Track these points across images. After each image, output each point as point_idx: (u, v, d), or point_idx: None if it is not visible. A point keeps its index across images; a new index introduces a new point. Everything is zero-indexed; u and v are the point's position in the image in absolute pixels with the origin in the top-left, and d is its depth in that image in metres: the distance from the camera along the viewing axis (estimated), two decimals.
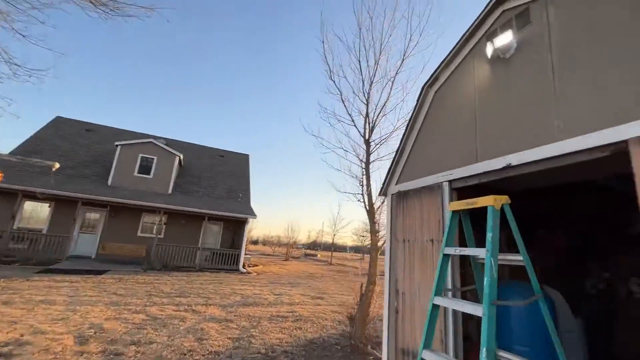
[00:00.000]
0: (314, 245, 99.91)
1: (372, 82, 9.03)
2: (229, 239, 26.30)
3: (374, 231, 8.24)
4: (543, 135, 3.54)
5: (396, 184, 6.14)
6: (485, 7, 4.59)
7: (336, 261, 51.72)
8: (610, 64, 3.05)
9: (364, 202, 8.71)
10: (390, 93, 8.75)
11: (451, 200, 4.74)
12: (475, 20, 4.75)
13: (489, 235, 2.94)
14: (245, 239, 24.89)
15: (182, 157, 26.78)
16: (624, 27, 3.01)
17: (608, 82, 3.04)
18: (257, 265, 29.98)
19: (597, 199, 5.75)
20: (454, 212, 3.58)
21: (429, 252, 4.85)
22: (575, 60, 3.38)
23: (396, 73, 8.75)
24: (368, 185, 8.52)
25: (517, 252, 3.22)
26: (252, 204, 27.37)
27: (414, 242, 5.21)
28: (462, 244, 3.91)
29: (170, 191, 24.98)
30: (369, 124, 8.84)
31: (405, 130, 5.99)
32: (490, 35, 4.52)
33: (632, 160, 2.74)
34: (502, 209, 3.17)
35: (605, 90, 3.05)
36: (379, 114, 8.86)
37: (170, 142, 29.87)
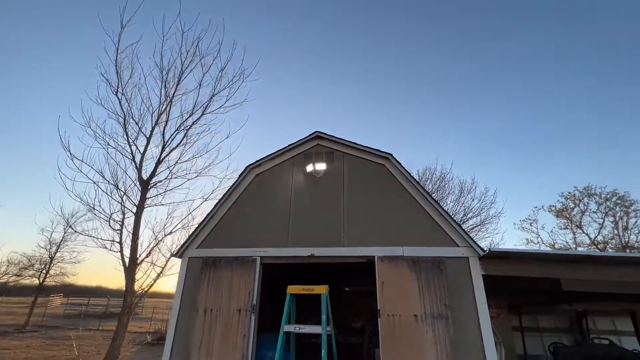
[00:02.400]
0: None
1: (167, 120, 8.39)
2: None
3: (130, 292, 7.05)
4: (335, 241, 5.71)
5: (198, 248, 6.18)
6: (308, 136, 6.63)
7: None
8: (370, 216, 5.83)
9: (121, 254, 7.32)
10: (184, 141, 8.55)
11: (260, 274, 5.76)
12: (299, 140, 6.63)
13: (323, 316, 4.36)
14: None
15: None
16: (374, 198, 5.95)
17: (367, 222, 5.76)
18: None
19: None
20: (291, 294, 4.70)
21: (235, 322, 5.39)
22: (353, 203, 5.98)
23: (193, 123, 8.82)
24: (136, 234, 7.36)
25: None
26: None
27: (218, 312, 5.50)
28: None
29: None
30: (155, 159, 7.97)
31: (222, 198, 6.42)
32: (308, 156, 6.53)
33: (376, 266, 5.36)
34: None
35: (365, 226, 5.74)
36: (163, 158, 8.27)
37: None
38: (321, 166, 6.29)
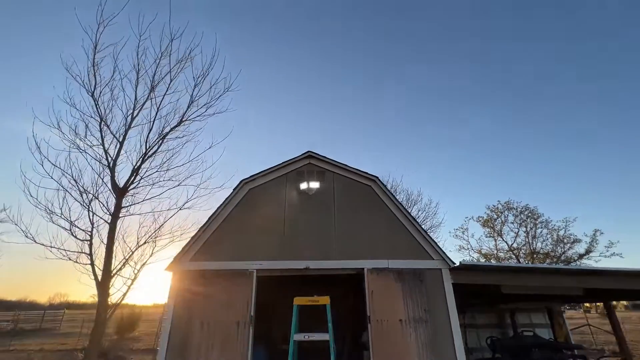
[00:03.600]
0: None
1: (151, 125, 8.00)
2: None
3: (104, 306, 6.69)
4: (328, 254, 6.31)
5: (191, 260, 6.22)
6: (300, 155, 7.12)
7: None
8: (359, 232, 6.55)
9: (92, 266, 6.90)
10: (163, 148, 8.31)
11: (256, 286, 6.07)
12: (292, 159, 7.08)
13: (329, 324, 4.93)
14: None
15: None
16: (362, 216, 6.71)
17: (357, 238, 6.48)
18: None
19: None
20: (299, 305, 5.16)
21: (233, 334, 5.62)
22: (343, 219, 6.66)
23: (171, 129, 8.60)
24: (111, 246, 6.99)
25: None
26: None
27: (216, 325, 5.66)
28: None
29: None
30: (133, 166, 7.62)
31: (215, 211, 6.54)
32: (300, 173, 7.02)
33: (365, 278, 6.09)
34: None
35: (355, 241, 6.45)
36: (139, 165, 7.94)
37: None
38: (315, 184, 6.83)
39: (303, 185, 6.84)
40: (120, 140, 7.85)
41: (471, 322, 10.45)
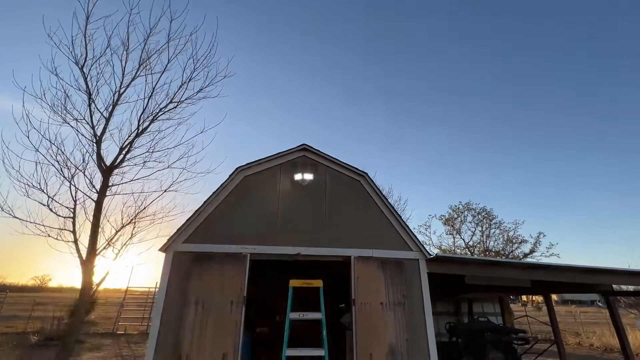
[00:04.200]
0: None
1: (146, 104, 7.80)
2: None
3: (88, 286, 6.62)
4: (318, 241, 6.77)
5: (185, 242, 6.37)
6: (295, 147, 7.45)
7: None
8: (347, 223, 7.07)
9: (76, 244, 6.77)
10: (151, 128, 8.19)
11: (249, 268, 6.39)
12: (287, 150, 7.39)
13: (322, 305, 5.43)
14: None
15: None
16: (351, 208, 7.24)
17: (345, 228, 7.00)
18: None
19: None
20: (294, 287, 5.58)
21: (227, 312, 5.92)
22: (334, 210, 7.14)
23: (160, 110, 8.46)
24: (97, 224, 6.89)
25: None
26: None
27: (210, 304, 5.93)
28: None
29: None
30: (123, 144, 7.47)
31: (210, 196, 6.71)
32: (295, 165, 7.36)
33: (352, 265, 6.65)
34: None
35: (343, 231, 6.97)
36: (126, 145, 7.79)
37: None
38: (309, 176, 7.22)
39: (297, 176, 7.20)
40: (107, 117, 7.66)
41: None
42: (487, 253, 23.50)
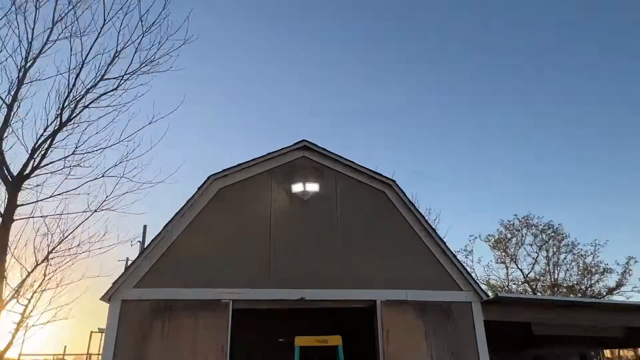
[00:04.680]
0: None
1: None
2: None
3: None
4: (329, 281, 7.02)
5: (136, 287, 6.50)
6: (293, 145, 7.70)
7: None
8: (369, 253, 7.36)
9: None
10: (76, 120, 8.32)
11: (230, 322, 6.58)
12: (281, 149, 7.63)
13: None
14: None
15: None
16: (373, 231, 7.53)
17: (367, 260, 7.28)
18: None
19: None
20: (300, 347, 5.83)
21: None
22: (349, 235, 7.42)
23: (86, 92, 8.59)
24: (2, 262, 6.99)
25: None
26: None
27: None
28: None
29: None
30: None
31: (173, 218, 6.87)
32: (292, 169, 7.59)
33: (377, 313, 6.92)
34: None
35: (364, 265, 7.25)
36: (39, 144, 7.90)
37: None
38: (312, 187, 7.46)
39: (296, 187, 7.43)
40: (9, 102, 7.78)
41: None
42: (556, 289, 24.16)
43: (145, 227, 15.69)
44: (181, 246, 6.85)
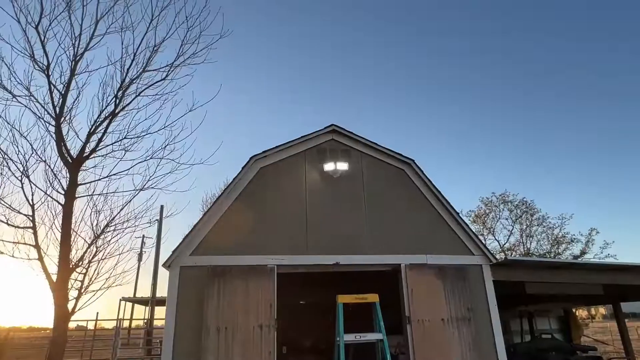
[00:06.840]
0: None
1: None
2: None
3: (64, 316, 6.95)
4: (359, 248, 7.42)
5: (192, 255, 6.80)
6: (323, 129, 7.98)
7: None
8: (392, 223, 7.76)
9: (40, 260, 7.05)
10: (123, 105, 8.41)
11: (275, 284, 6.95)
12: (312, 133, 7.92)
13: (381, 323, 6.12)
14: None
15: None
16: (395, 204, 7.92)
17: (391, 229, 7.69)
18: None
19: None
20: (344, 304, 6.23)
21: (257, 339, 6.47)
22: (375, 208, 7.79)
23: (131, 81, 8.65)
24: (68, 235, 7.16)
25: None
26: None
27: (235, 330, 6.44)
28: None
29: None
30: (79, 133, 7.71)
31: (221, 194, 7.17)
32: (322, 151, 7.89)
33: (402, 275, 7.36)
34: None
35: (389, 233, 7.65)
36: (93, 130, 8.01)
37: None
38: (342, 165, 7.80)
39: (328, 166, 7.76)
40: (63, 91, 7.83)
41: None
42: (529, 256, 25.16)
43: (162, 207, 15.59)
44: (230, 219, 7.15)
